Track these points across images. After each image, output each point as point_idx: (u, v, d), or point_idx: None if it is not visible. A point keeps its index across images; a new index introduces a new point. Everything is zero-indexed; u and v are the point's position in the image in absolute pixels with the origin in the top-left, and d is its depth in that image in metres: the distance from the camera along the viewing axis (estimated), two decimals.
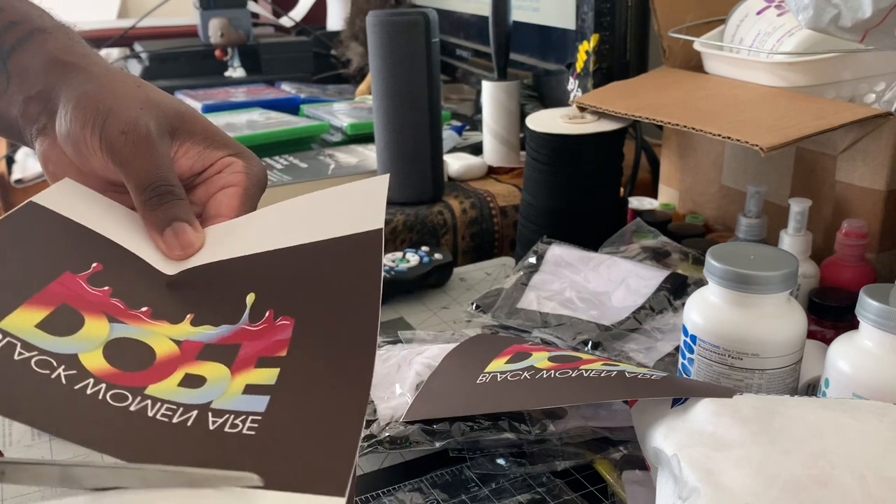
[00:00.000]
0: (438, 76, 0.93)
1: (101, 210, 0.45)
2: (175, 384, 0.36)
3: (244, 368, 0.37)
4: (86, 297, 0.39)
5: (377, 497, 0.49)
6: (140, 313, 0.39)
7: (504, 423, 0.52)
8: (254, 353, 0.38)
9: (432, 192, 0.94)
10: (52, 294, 0.38)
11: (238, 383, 0.36)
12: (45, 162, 0.47)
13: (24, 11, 0.49)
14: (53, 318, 0.37)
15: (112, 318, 0.38)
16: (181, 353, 0.38)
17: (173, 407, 0.35)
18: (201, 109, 1.27)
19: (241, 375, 0.37)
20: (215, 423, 0.34)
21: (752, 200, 0.68)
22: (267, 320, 0.39)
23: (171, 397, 0.35)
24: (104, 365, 0.36)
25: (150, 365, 0.37)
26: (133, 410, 0.34)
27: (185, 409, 0.35)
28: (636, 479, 0.48)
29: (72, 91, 0.45)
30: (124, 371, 0.36)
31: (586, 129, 0.77)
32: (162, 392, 0.35)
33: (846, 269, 0.62)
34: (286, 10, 1.95)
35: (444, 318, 0.75)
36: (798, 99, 0.68)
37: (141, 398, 0.34)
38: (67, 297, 0.38)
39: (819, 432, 0.38)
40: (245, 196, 0.47)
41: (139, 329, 0.38)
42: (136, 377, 0.36)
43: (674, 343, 0.62)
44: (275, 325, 0.39)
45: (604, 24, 0.94)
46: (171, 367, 0.37)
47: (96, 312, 0.38)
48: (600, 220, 0.80)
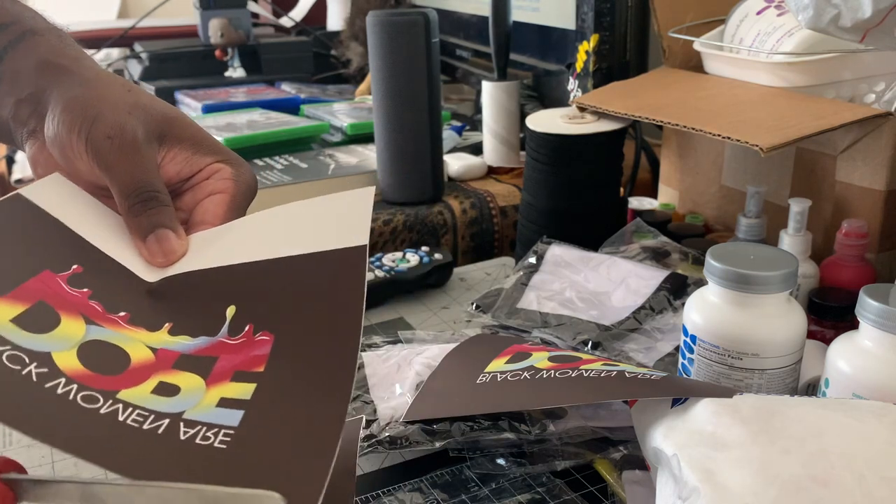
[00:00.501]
0: (438, 76, 0.93)
1: (87, 211, 0.44)
2: (148, 391, 0.35)
3: (220, 381, 0.37)
4: (64, 297, 0.38)
5: (377, 497, 0.49)
6: (118, 318, 0.39)
7: (504, 423, 0.52)
8: (230, 366, 0.37)
9: (432, 192, 0.94)
10: (30, 290, 0.38)
11: (212, 396, 0.36)
12: (35, 165, 0.47)
13: (17, 13, 0.49)
14: (30, 314, 0.36)
15: (89, 319, 0.38)
16: (156, 361, 0.37)
17: (145, 413, 0.34)
18: (201, 109, 1.27)
19: (216, 388, 0.36)
20: (186, 433, 0.33)
21: (751, 200, 0.68)
22: (246, 334, 0.39)
23: (144, 403, 0.34)
24: (77, 366, 0.35)
25: (125, 370, 0.36)
26: (103, 413, 0.33)
27: (156, 417, 0.34)
28: (636, 479, 0.48)
29: (61, 94, 0.44)
30: (97, 373, 0.35)
31: (586, 129, 0.77)
32: (134, 398, 0.34)
33: (846, 269, 0.62)
34: (286, 10, 1.95)
35: (444, 318, 0.75)
36: (798, 99, 0.68)
37: (112, 402, 0.34)
38: (46, 295, 0.38)
39: (819, 432, 0.38)
40: (232, 203, 0.47)
41: (116, 333, 0.38)
42: (109, 381, 0.35)
43: (674, 343, 0.62)
44: (254, 340, 0.39)
45: (604, 24, 0.94)
46: (146, 374, 0.36)
47: (73, 313, 0.38)
48: (600, 220, 0.80)
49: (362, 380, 0.58)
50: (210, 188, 0.47)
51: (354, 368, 0.36)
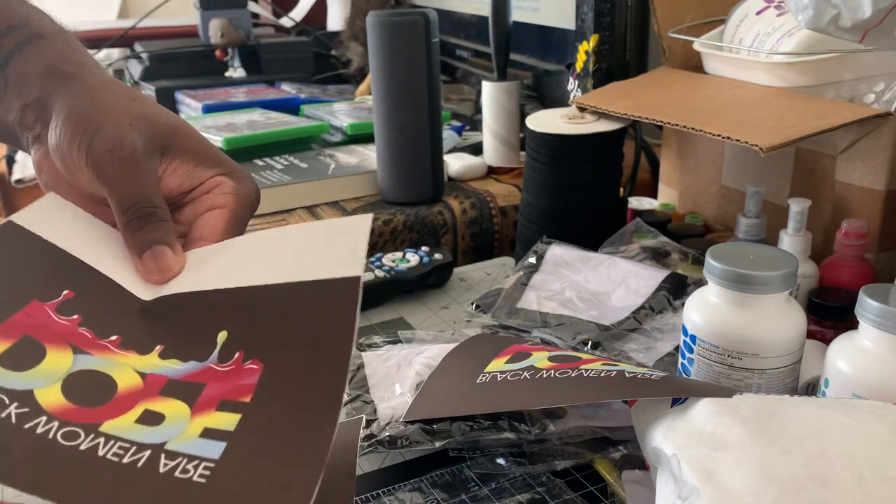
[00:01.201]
0: (438, 76, 0.93)
1: (82, 230, 0.44)
2: (132, 420, 0.35)
3: (205, 410, 0.36)
4: (51, 328, 0.38)
5: (377, 497, 0.49)
6: (108, 342, 0.39)
7: (504, 423, 0.52)
8: (217, 394, 0.37)
9: (432, 192, 0.94)
10: (15, 324, 0.37)
11: (197, 425, 0.36)
12: (39, 171, 0.47)
13: (24, 14, 0.48)
14: (13, 351, 0.36)
15: (77, 349, 0.38)
16: (144, 387, 0.37)
17: (126, 446, 0.34)
18: (201, 109, 1.27)
19: (201, 417, 0.36)
20: (166, 465, 0.33)
21: (751, 200, 0.68)
22: (235, 362, 0.39)
23: (126, 435, 0.34)
24: (60, 401, 0.35)
25: (110, 399, 0.36)
26: (83, 450, 0.33)
27: (137, 449, 0.34)
28: (636, 479, 0.48)
29: (64, 103, 0.44)
30: (81, 406, 0.35)
31: (586, 129, 0.77)
32: (117, 429, 0.34)
33: (846, 268, 0.62)
34: (286, 11, 1.95)
35: (444, 318, 0.75)
36: (798, 99, 0.68)
37: (94, 436, 0.34)
38: (31, 328, 0.38)
39: (819, 432, 0.38)
40: (232, 218, 0.46)
41: (104, 360, 0.38)
42: (93, 413, 0.35)
43: (673, 343, 0.62)
44: (242, 369, 0.38)
45: (604, 24, 0.94)
46: (132, 402, 0.36)
47: (61, 343, 0.37)
48: (600, 220, 0.80)
49: (362, 380, 0.58)
50: (210, 202, 0.47)
51: (340, 404, 0.35)
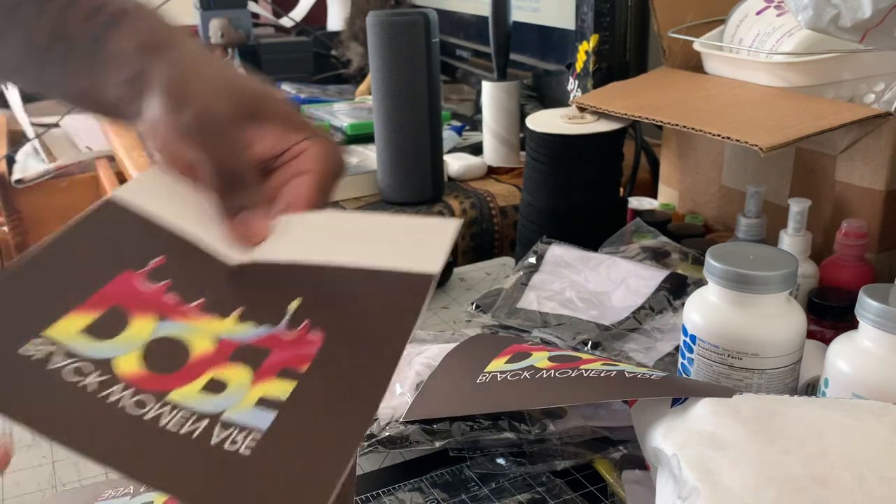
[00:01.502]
0: (438, 76, 0.93)
1: (176, 200, 0.46)
2: (198, 389, 0.37)
3: (266, 377, 0.38)
4: (138, 296, 0.40)
5: (377, 497, 0.49)
6: (193, 307, 0.41)
7: (504, 423, 0.52)
8: (279, 361, 0.39)
9: (432, 192, 0.95)
10: (104, 296, 0.39)
11: (255, 394, 0.37)
12: (145, 144, 0.48)
13: None
14: (99, 321, 0.38)
15: (161, 315, 0.40)
16: (214, 353, 0.39)
17: (186, 415, 0.35)
18: None
19: (261, 385, 0.38)
20: (218, 437, 0.35)
21: (751, 200, 0.68)
22: (301, 330, 0.40)
23: (190, 403, 0.36)
24: (137, 367, 0.37)
25: (182, 366, 0.38)
26: (146, 420, 0.35)
27: (196, 419, 0.35)
28: (636, 479, 0.48)
29: (156, 78, 0.45)
30: (155, 373, 0.37)
31: (586, 129, 0.77)
32: (183, 397, 0.36)
33: (846, 268, 0.62)
34: (286, 11, 1.95)
35: (444, 318, 0.75)
36: (798, 99, 0.68)
37: (160, 405, 0.35)
38: (119, 298, 0.40)
39: (819, 432, 0.38)
40: (319, 183, 0.47)
41: (184, 325, 0.40)
42: (165, 380, 0.37)
43: (673, 343, 0.62)
44: (305, 338, 0.40)
45: (604, 24, 0.94)
46: (201, 369, 0.38)
47: (146, 311, 0.40)
48: (600, 220, 0.80)
49: None
50: (297, 168, 0.47)
51: (386, 387, 0.37)
